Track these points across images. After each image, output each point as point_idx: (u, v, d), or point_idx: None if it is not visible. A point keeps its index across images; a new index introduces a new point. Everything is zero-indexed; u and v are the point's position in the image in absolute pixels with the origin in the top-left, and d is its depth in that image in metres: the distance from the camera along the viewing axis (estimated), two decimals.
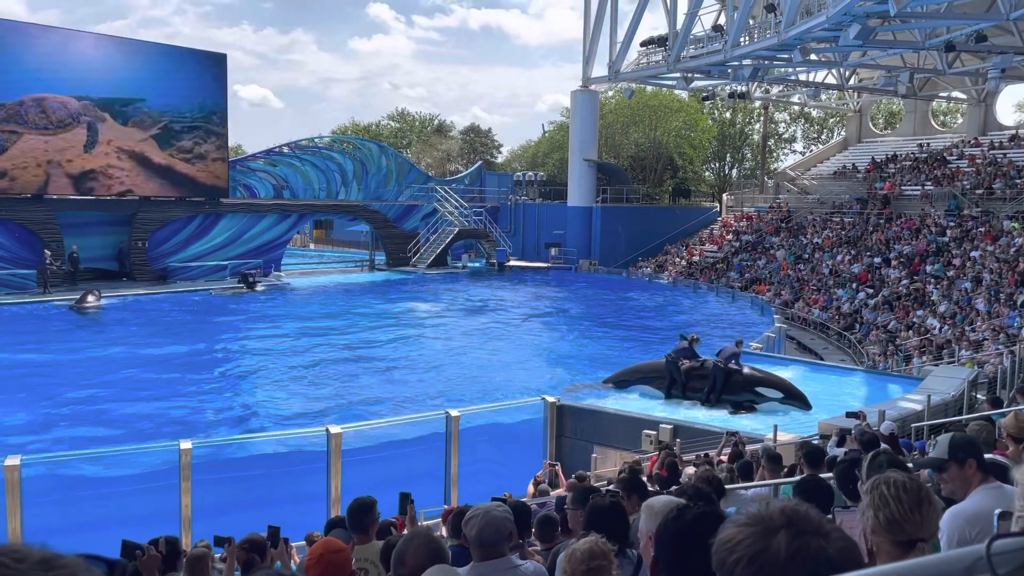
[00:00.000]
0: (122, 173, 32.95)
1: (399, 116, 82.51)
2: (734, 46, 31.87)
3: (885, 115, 59.74)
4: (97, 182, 32.32)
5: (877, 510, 2.12)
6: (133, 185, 33.40)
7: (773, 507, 1.20)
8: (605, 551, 3.01)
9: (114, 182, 32.84)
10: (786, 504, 1.21)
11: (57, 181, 31.24)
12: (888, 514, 2.09)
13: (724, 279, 37.97)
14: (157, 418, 15.87)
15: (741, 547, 1.16)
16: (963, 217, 32.55)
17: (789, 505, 1.21)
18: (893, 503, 2.10)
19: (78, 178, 31.80)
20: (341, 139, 48.08)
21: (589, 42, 44.18)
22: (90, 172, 32.06)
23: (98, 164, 32.21)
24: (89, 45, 32.30)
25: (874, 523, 2.11)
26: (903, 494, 2.10)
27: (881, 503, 2.12)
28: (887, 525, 2.09)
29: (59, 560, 0.93)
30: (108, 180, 32.68)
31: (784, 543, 1.14)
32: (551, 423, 14.40)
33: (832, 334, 27.85)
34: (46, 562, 0.92)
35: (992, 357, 19.86)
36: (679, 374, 16.07)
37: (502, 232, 47.23)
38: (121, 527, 9.83)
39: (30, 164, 30.46)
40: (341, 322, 27.36)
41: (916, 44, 29.05)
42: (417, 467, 13.09)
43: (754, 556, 1.15)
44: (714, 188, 63.31)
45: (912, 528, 2.07)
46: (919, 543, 2.06)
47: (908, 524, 2.07)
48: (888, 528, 2.09)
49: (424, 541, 3.19)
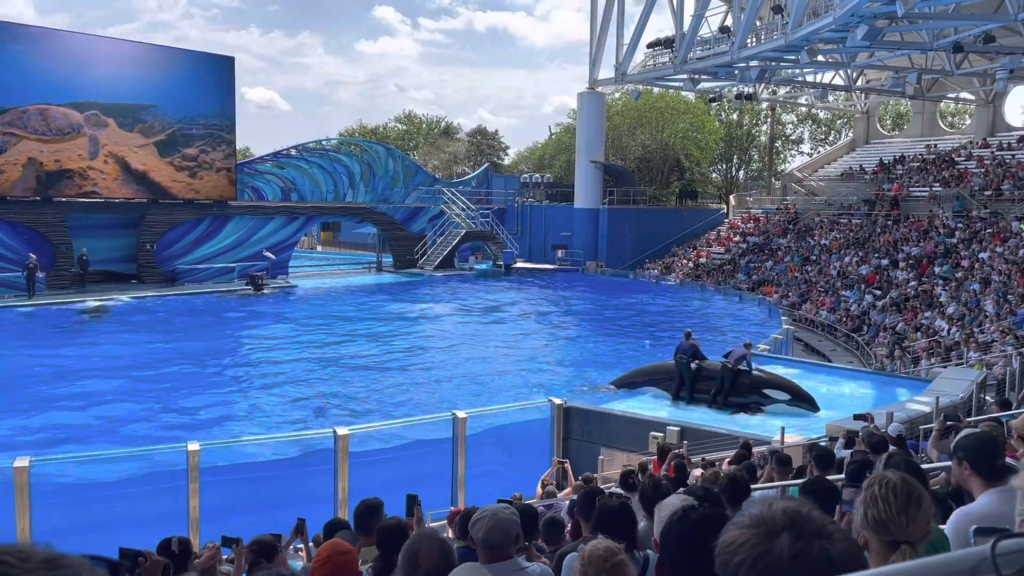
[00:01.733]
0: (107, 179, 32.51)
1: (406, 118, 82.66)
2: (741, 47, 31.83)
3: (893, 116, 59.57)
4: (72, 181, 31.54)
5: (867, 508, 2.16)
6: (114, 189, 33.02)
7: (776, 508, 1.20)
8: (618, 548, 3.02)
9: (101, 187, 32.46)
10: (788, 505, 1.21)
11: (28, 180, 30.45)
12: (875, 513, 2.12)
13: (731, 281, 37.89)
14: (164, 420, 15.92)
15: (744, 549, 1.17)
16: (971, 218, 32.42)
17: (791, 506, 1.21)
18: (881, 503, 2.12)
19: (54, 175, 31.08)
20: (348, 141, 48.18)
21: (596, 44, 44.19)
22: (67, 172, 31.33)
23: (81, 166, 31.71)
24: (95, 49, 32.42)
25: (863, 520, 2.15)
26: (892, 496, 2.13)
27: (871, 502, 2.15)
28: (873, 524, 2.12)
29: (63, 560, 0.94)
30: (88, 182, 31.98)
31: (787, 545, 1.14)
32: (558, 425, 14.39)
33: (840, 336, 27.77)
34: (50, 562, 0.92)
35: (1001, 359, 19.77)
36: (689, 374, 16.03)
37: (509, 234, 47.24)
38: (129, 529, 9.87)
39: (19, 162, 30.24)
40: (348, 324, 27.41)
41: (924, 45, 28.97)
42: (424, 469, 13.10)
43: (757, 558, 1.15)
44: (721, 190, 63.24)
45: (897, 530, 2.10)
46: (903, 545, 2.07)
47: (893, 525, 2.10)
48: (874, 527, 2.12)
49: (436, 542, 3.19)
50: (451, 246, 42.72)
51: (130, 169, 33.14)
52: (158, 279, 33.68)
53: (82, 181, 31.91)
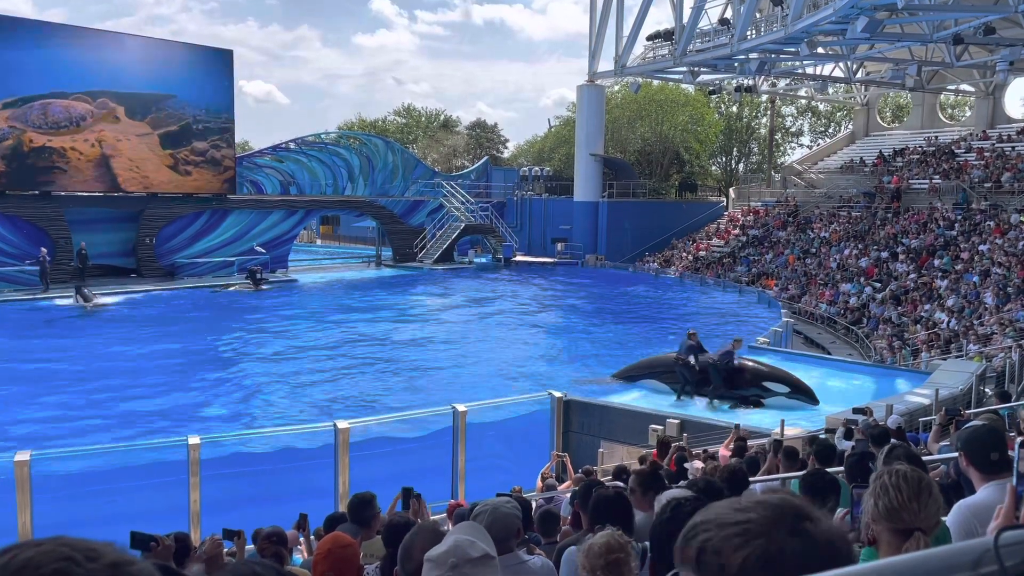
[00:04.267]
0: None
1: (405, 112, 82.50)
2: (741, 40, 31.75)
3: (892, 108, 59.47)
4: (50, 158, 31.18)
5: (877, 499, 2.19)
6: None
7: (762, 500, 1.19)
8: (622, 544, 3.03)
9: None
10: (772, 497, 1.20)
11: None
12: (887, 502, 2.16)
13: (731, 274, 37.88)
14: (165, 414, 15.93)
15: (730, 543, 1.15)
16: (971, 210, 32.40)
17: (776, 498, 1.19)
18: (892, 491, 2.16)
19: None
20: (347, 135, 48.09)
21: (595, 36, 44.08)
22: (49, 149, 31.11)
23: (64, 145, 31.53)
24: (99, 41, 32.37)
25: (874, 511, 2.18)
26: (903, 484, 2.17)
27: (882, 492, 2.19)
28: (886, 513, 2.16)
29: (130, 567, 0.92)
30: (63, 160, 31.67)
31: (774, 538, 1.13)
32: (558, 418, 14.40)
33: (839, 328, 27.77)
34: (116, 566, 0.90)
35: (1000, 351, 19.78)
36: (690, 374, 15.96)
37: (508, 227, 47.20)
38: (130, 522, 9.86)
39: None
40: (347, 318, 27.41)
41: (924, 37, 28.89)
42: (424, 462, 13.11)
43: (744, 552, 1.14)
44: (721, 182, 63.14)
45: (909, 516, 2.14)
46: (916, 532, 2.09)
47: (905, 512, 2.14)
48: (887, 516, 2.15)
49: (431, 535, 3.19)
50: (450, 240, 42.69)
51: (115, 158, 32.92)
52: (157, 273, 33.67)
53: (60, 159, 31.48)
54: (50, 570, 0.87)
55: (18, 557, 0.88)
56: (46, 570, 0.87)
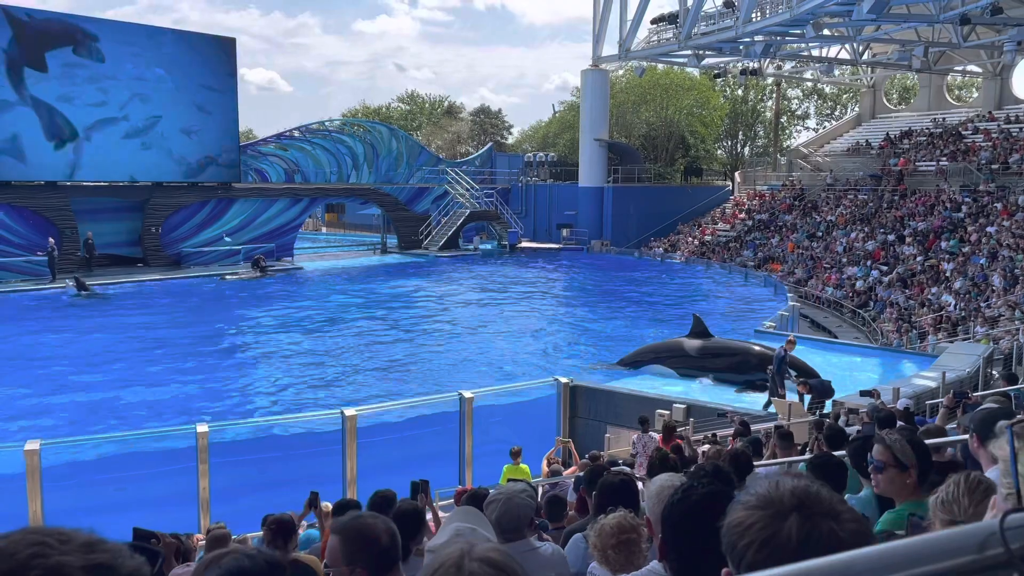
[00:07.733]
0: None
1: (409, 98, 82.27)
2: (746, 22, 31.54)
3: (899, 90, 59.04)
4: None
5: (940, 492, 2.39)
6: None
7: (784, 488, 1.19)
8: (634, 525, 3.06)
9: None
10: (796, 484, 1.20)
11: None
12: (945, 495, 2.34)
13: (738, 258, 37.79)
14: (173, 402, 16.01)
15: (752, 531, 1.16)
16: (978, 192, 32.21)
17: (800, 485, 1.19)
18: (952, 486, 2.34)
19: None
20: (352, 122, 47.97)
21: (599, 20, 43.82)
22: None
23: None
24: (101, 32, 32.28)
25: (934, 504, 2.38)
26: (963, 480, 2.34)
27: (945, 487, 2.37)
28: (940, 505, 2.33)
29: (102, 545, 0.94)
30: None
31: (795, 526, 1.14)
32: (564, 404, 14.43)
33: (846, 312, 27.72)
34: (89, 545, 0.92)
35: (1007, 333, 19.72)
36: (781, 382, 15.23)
37: (513, 213, 47.13)
38: (140, 510, 9.96)
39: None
40: (353, 305, 27.45)
41: (930, 17, 28.63)
42: (431, 448, 13.16)
43: (765, 541, 1.14)
44: (726, 166, 62.87)
45: (958, 510, 2.28)
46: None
47: (956, 505, 2.29)
48: (940, 508, 2.33)
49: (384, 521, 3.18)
50: (455, 226, 42.66)
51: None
52: (164, 262, 33.74)
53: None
54: (25, 555, 0.88)
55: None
56: (21, 556, 0.88)
